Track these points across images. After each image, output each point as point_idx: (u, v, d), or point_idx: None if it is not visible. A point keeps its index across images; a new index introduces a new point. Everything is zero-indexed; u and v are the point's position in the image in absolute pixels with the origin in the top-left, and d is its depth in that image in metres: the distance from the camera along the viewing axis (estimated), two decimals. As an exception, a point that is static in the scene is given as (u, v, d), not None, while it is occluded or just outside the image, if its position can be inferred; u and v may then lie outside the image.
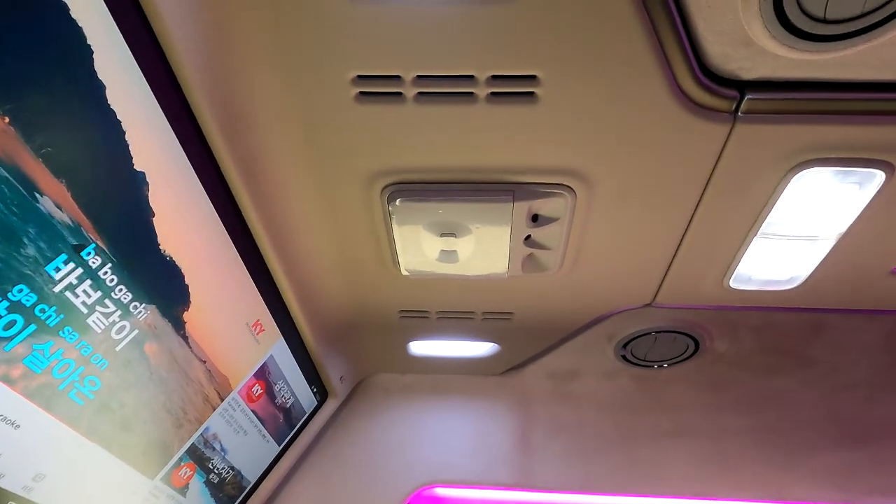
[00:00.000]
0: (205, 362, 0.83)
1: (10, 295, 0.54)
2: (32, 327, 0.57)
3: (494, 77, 0.64)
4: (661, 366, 1.21)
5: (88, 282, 0.61)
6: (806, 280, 0.92)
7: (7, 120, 0.48)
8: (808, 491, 1.19)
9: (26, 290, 0.55)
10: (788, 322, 1.07)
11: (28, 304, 0.56)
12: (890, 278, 0.92)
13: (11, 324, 0.55)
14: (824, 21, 0.59)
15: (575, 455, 1.24)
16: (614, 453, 1.24)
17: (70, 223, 0.57)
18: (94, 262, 0.61)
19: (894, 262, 0.89)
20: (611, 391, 1.27)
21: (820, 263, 0.88)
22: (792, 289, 0.94)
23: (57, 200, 0.54)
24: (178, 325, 0.75)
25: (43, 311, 0.57)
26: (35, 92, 0.49)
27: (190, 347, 0.79)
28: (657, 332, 1.11)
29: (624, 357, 1.19)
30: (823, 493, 1.18)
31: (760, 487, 1.20)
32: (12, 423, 0.60)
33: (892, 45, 0.61)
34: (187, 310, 0.76)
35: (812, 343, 1.14)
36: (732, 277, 0.92)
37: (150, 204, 0.64)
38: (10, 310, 0.55)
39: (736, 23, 0.60)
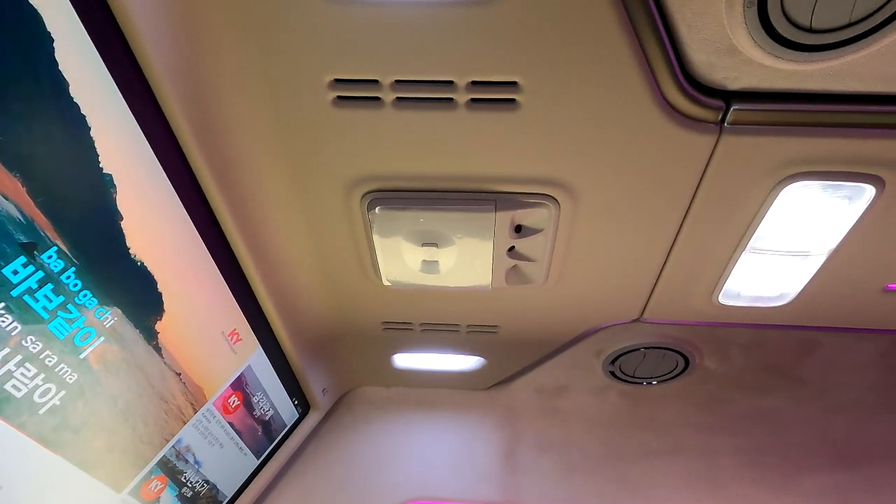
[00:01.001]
0: (178, 373, 0.80)
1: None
2: (-12, 332, 0.55)
3: (474, 83, 0.63)
4: (650, 383, 1.19)
5: (50, 286, 0.59)
6: (796, 297, 0.90)
7: None
8: (801, 513, 1.16)
9: (-18, 294, 0.53)
10: (779, 340, 1.05)
11: (-17, 308, 0.54)
12: (882, 296, 0.90)
13: (-35, 328, 0.53)
14: (810, 30, 0.57)
15: (562, 473, 1.21)
16: (602, 472, 1.21)
17: (23, 221, 0.55)
18: (55, 266, 0.59)
19: (887, 279, 0.87)
20: (599, 408, 1.24)
21: (810, 280, 0.86)
22: (782, 305, 0.92)
23: (10, 196, 0.53)
24: (151, 336, 0.73)
25: (1, 315, 0.55)
26: None
27: (162, 357, 0.76)
28: (646, 348, 1.09)
29: (612, 373, 1.17)
30: (816, 515, 1.16)
31: (751, 509, 1.17)
32: (-35, 432, 0.57)
33: (881, 55, 0.59)
34: (160, 319, 0.74)
35: (804, 362, 1.11)
36: (721, 293, 0.90)
37: (119, 207, 0.62)
38: (-37, 313, 0.53)
39: (720, 30, 0.58)
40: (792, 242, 0.81)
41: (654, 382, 1.19)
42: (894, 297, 0.90)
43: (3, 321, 0.56)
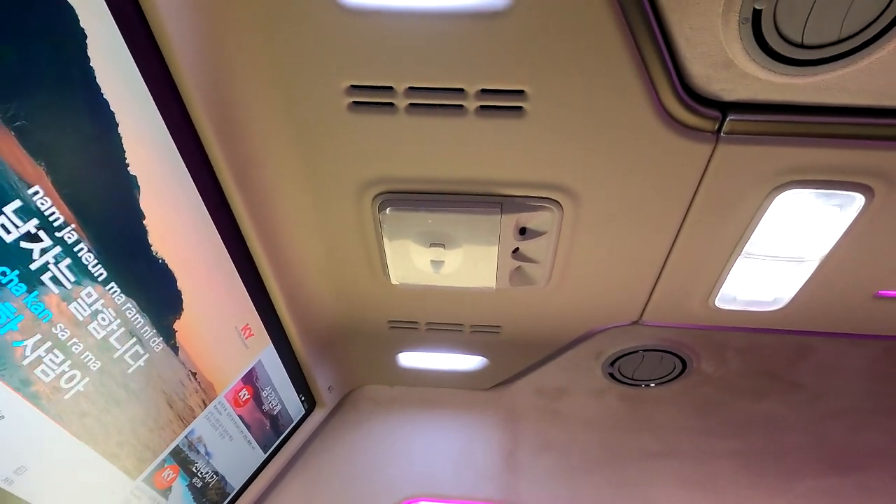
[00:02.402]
0: (193, 368, 0.83)
1: None
2: (20, 317, 0.58)
3: (483, 91, 0.66)
4: (648, 385, 1.21)
5: (73, 276, 0.62)
6: (790, 302, 0.93)
7: None
8: (794, 516, 1.19)
9: (15, 280, 0.56)
10: (774, 344, 1.08)
11: (18, 293, 0.57)
12: (874, 302, 0.93)
13: None
14: (802, 46, 0.61)
15: (561, 473, 1.23)
16: (601, 472, 1.23)
17: (49, 212, 0.58)
18: (84, 257, 0.62)
19: (878, 286, 0.90)
20: (598, 409, 1.27)
21: (803, 285, 0.89)
22: (776, 310, 0.95)
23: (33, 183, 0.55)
24: (169, 334, 0.76)
25: (35, 299, 0.59)
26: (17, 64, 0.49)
27: (178, 350, 0.79)
28: (644, 351, 1.12)
29: (612, 375, 1.20)
30: (809, 519, 1.18)
31: (746, 511, 1.19)
32: (-4, 414, 0.60)
33: (870, 71, 0.63)
34: (179, 318, 0.77)
35: (798, 367, 1.14)
36: (718, 297, 0.93)
37: (141, 206, 0.65)
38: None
39: (717, 45, 0.62)
40: (785, 248, 0.84)
41: (653, 385, 1.21)
42: (885, 304, 0.93)
43: (36, 309, 0.59)
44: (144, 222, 0.66)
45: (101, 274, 0.64)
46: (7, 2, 0.46)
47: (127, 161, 0.61)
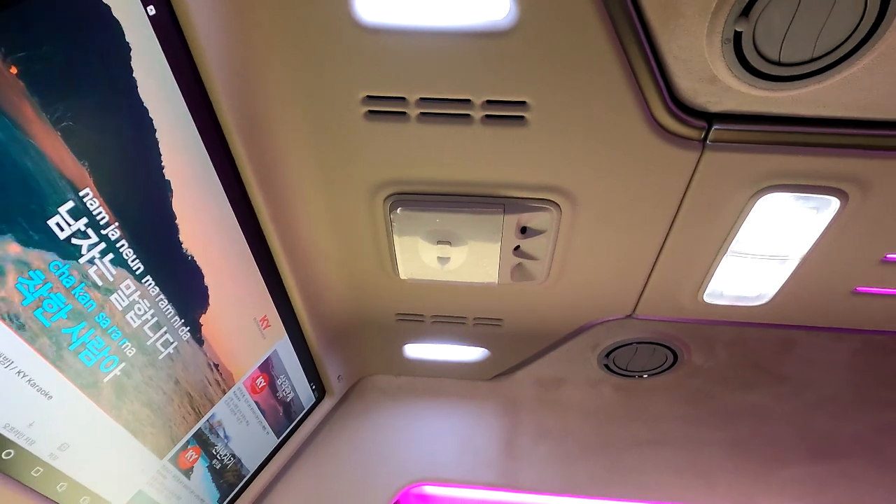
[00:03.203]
0: (215, 358, 0.89)
1: (42, 272, 0.61)
2: (69, 306, 0.65)
3: (488, 102, 0.72)
4: (641, 376, 1.28)
5: (114, 270, 0.68)
6: (773, 297, 0.99)
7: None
8: (779, 500, 1.25)
9: (66, 272, 0.63)
10: (760, 337, 1.14)
11: (68, 285, 0.63)
12: (851, 298, 0.99)
13: (51, 304, 0.62)
14: (779, 64, 0.67)
15: (558, 459, 1.30)
16: (595, 459, 1.30)
17: (96, 212, 0.64)
18: (124, 252, 0.68)
19: (855, 283, 0.96)
20: (594, 399, 1.33)
21: (785, 282, 0.96)
22: (761, 305, 1.01)
23: (76, 183, 0.60)
24: (196, 328, 0.83)
25: (82, 290, 0.65)
26: (65, 69, 0.54)
27: (203, 342, 0.85)
28: (638, 343, 1.18)
29: (607, 366, 1.26)
30: (793, 503, 1.24)
31: (733, 497, 1.26)
32: (46, 394, 0.67)
33: (841, 86, 0.69)
34: (205, 312, 0.83)
35: (783, 359, 1.21)
36: (706, 292, 1.00)
37: (174, 207, 0.71)
38: (51, 290, 0.62)
39: (702, 62, 0.68)
40: (768, 247, 0.90)
41: (645, 376, 1.28)
42: (863, 299, 0.99)
43: (83, 299, 0.65)
44: (176, 222, 0.72)
45: (138, 268, 0.70)
46: (60, 12, 0.52)
47: (163, 165, 0.67)
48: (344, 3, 0.63)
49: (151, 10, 0.58)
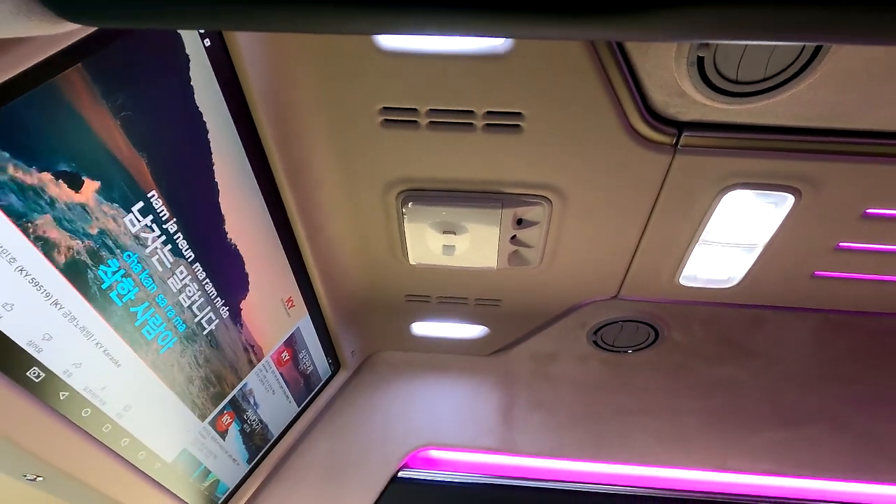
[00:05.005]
0: (250, 336, 1.02)
1: (117, 260, 0.74)
2: (137, 289, 0.77)
3: (489, 112, 0.84)
4: (626, 352, 1.41)
5: (171, 258, 0.80)
6: (741, 280, 1.11)
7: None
8: (750, 464, 1.38)
9: (135, 261, 0.75)
10: (732, 317, 1.27)
11: (136, 271, 0.75)
12: (811, 281, 1.12)
13: (123, 287, 0.75)
14: (736, 82, 0.78)
15: (551, 427, 1.43)
16: (585, 426, 1.43)
17: (159, 210, 0.76)
18: (179, 243, 0.80)
19: (813, 267, 1.09)
20: (584, 373, 1.46)
21: (751, 267, 1.08)
22: (731, 287, 1.13)
23: (132, 172, 0.70)
24: (236, 312, 0.95)
25: (147, 275, 0.77)
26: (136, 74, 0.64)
27: (241, 322, 0.98)
28: (623, 321, 1.30)
29: (595, 343, 1.39)
30: (762, 466, 1.38)
31: (709, 460, 1.39)
32: (116, 362, 0.79)
33: (790, 100, 0.80)
34: (245, 298, 0.96)
35: (754, 336, 1.33)
36: (682, 276, 1.12)
37: (220, 202, 0.83)
38: (124, 276, 0.74)
39: (672, 79, 0.79)
40: (734, 237, 1.02)
41: (630, 351, 1.40)
42: (821, 282, 1.11)
43: (147, 283, 0.78)
44: (223, 216, 0.84)
45: (190, 256, 0.83)
46: (151, 45, 0.63)
47: (214, 169, 0.79)
48: None
49: (207, 42, 0.70)
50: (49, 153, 0.60)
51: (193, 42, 0.68)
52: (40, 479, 0.79)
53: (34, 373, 0.69)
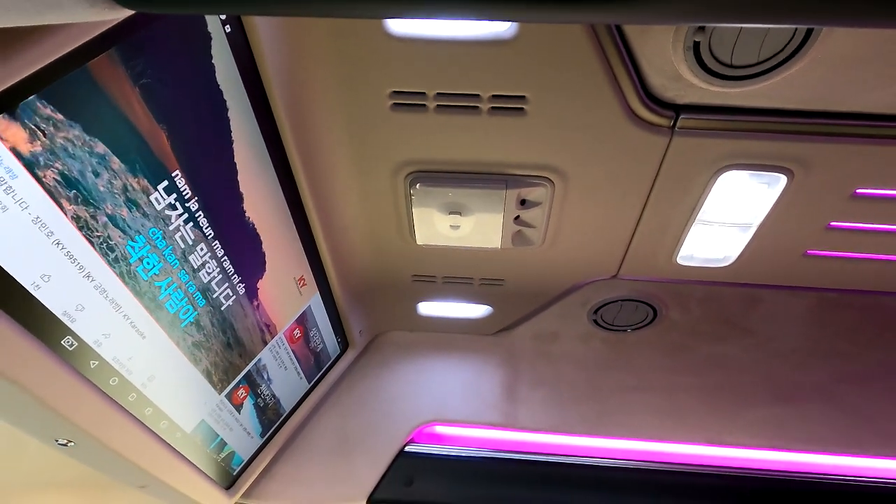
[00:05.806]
0: (265, 314, 1.06)
1: (144, 237, 0.78)
2: (161, 264, 0.81)
3: (494, 96, 0.88)
4: (626, 330, 1.45)
5: (193, 235, 0.85)
6: (737, 259, 1.15)
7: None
8: (745, 439, 1.43)
9: (159, 237, 0.79)
10: (728, 295, 1.31)
11: (161, 247, 0.80)
12: (804, 260, 1.16)
13: (149, 262, 0.79)
14: (731, 66, 0.82)
15: (552, 403, 1.48)
16: (586, 403, 1.48)
17: (182, 188, 0.80)
18: (200, 221, 0.84)
19: (805, 247, 1.13)
20: (585, 351, 1.51)
21: (745, 246, 1.12)
22: (727, 266, 1.17)
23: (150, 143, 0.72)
24: (252, 284, 0.99)
25: (170, 251, 0.81)
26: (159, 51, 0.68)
27: (257, 300, 1.02)
28: (622, 301, 1.35)
29: (595, 322, 1.43)
30: (757, 440, 1.42)
31: (706, 434, 1.44)
32: (141, 334, 0.84)
33: (783, 83, 0.84)
34: (262, 273, 1.00)
35: (750, 315, 1.38)
36: (679, 255, 1.16)
37: (239, 182, 0.87)
38: (150, 251, 0.78)
39: (669, 63, 0.83)
40: (730, 216, 1.06)
41: (629, 330, 1.45)
42: (814, 261, 1.16)
43: (170, 259, 0.82)
44: (242, 196, 0.88)
45: (210, 233, 0.87)
46: (176, 29, 0.67)
47: (234, 150, 0.83)
48: None
49: (227, 28, 0.73)
50: (90, 133, 0.64)
51: (215, 27, 0.72)
52: (72, 444, 0.84)
53: (68, 341, 0.73)
